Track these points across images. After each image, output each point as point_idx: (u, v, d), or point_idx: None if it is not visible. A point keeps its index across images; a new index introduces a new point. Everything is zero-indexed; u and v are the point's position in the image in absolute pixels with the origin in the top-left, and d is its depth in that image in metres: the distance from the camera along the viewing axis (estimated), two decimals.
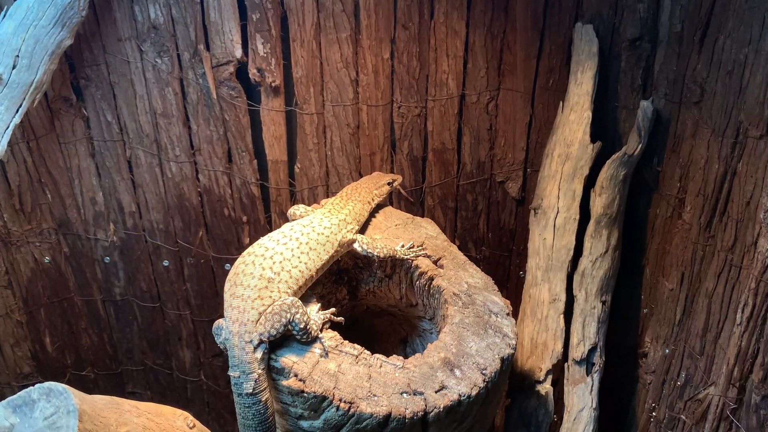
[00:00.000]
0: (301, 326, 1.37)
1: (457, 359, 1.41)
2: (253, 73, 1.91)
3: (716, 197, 1.65)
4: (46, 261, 2.13)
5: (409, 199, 2.13)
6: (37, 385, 1.09)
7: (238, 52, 1.88)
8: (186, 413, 1.48)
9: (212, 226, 2.13)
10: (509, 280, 2.29)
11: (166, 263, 2.18)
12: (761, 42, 1.47)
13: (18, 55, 1.69)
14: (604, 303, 1.88)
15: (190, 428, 1.45)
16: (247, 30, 1.87)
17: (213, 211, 2.11)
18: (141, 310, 2.26)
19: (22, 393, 1.08)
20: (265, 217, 2.13)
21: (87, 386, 2.31)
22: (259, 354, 1.35)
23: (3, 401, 1.08)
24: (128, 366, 2.36)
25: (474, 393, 1.35)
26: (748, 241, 1.48)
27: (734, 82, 1.57)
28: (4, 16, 1.68)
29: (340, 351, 1.40)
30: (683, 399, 1.70)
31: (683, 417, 1.67)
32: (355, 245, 1.60)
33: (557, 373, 1.91)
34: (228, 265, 2.16)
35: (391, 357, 1.41)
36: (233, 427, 2.46)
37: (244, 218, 2.11)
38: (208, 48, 1.89)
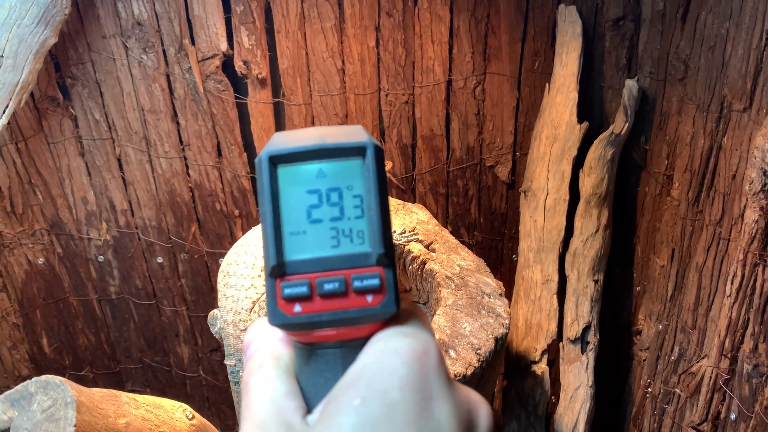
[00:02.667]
0: None
1: (451, 340, 1.42)
2: (239, 65, 1.91)
3: (703, 172, 1.66)
4: (40, 262, 2.13)
5: (401, 187, 2.14)
6: (33, 379, 1.10)
7: (224, 45, 1.88)
8: (185, 405, 1.49)
9: (204, 221, 2.13)
10: (503, 263, 2.30)
11: (160, 260, 2.18)
12: (742, 15, 1.48)
13: (2, 55, 1.68)
14: (596, 282, 1.90)
15: (189, 420, 1.46)
16: (232, 23, 1.87)
17: (205, 206, 2.11)
18: (137, 308, 2.26)
19: (19, 387, 1.09)
20: (257, 210, 2.13)
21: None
22: None
23: (0, 396, 1.09)
24: (127, 364, 2.36)
25: (469, 372, 1.36)
26: (735, 213, 1.49)
27: (717, 57, 1.58)
28: None
29: None
30: (677, 373, 1.71)
31: (678, 391, 1.69)
32: None
33: (553, 352, 1.93)
34: (221, 259, 2.17)
35: None
36: (234, 421, 2.47)
37: (236, 212, 2.12)
38: (193, 42, 1.89)
